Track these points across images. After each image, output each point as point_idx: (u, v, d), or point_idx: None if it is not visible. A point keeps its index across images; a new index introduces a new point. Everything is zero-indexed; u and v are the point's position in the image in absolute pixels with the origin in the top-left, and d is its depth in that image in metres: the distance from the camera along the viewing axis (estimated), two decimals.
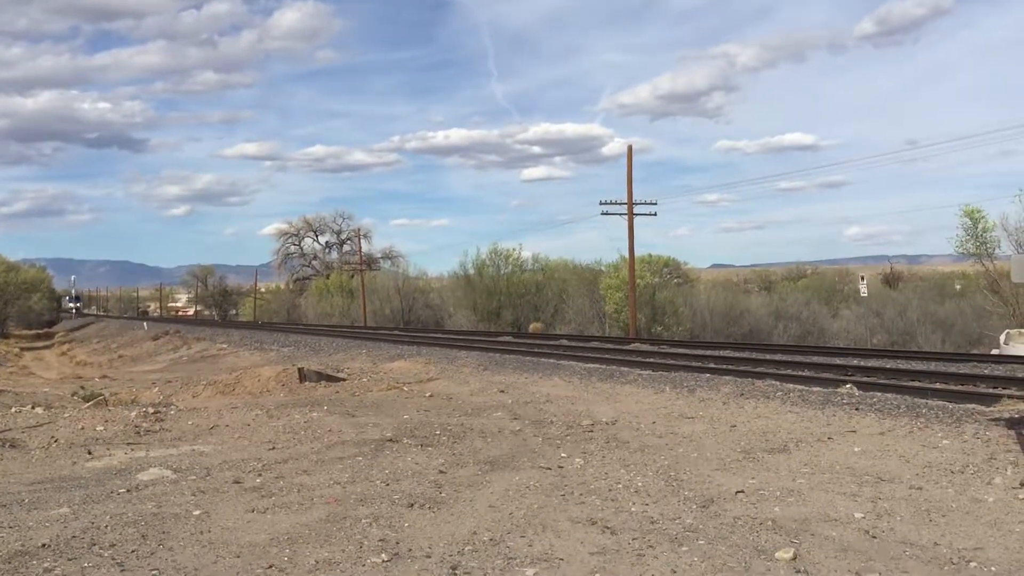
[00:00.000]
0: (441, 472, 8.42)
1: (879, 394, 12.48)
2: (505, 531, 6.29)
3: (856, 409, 11.49)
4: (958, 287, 51.78)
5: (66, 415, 13.15)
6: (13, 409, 13.98)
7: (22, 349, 51.68)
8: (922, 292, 48.05)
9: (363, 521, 6.57)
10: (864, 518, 6.53)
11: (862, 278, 35.86)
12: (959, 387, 13.17)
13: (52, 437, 11.03)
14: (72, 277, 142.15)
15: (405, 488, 7.71)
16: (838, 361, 18.20)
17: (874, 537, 6.07)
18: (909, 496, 7.17)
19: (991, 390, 12.68)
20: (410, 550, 5.86)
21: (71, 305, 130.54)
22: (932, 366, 16.99)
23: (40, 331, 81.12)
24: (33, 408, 14.16)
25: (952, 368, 16.31)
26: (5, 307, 68.34)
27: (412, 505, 7.07)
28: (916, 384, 13.46)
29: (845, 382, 13.72)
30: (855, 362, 17.87)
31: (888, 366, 16.72)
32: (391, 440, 10.27)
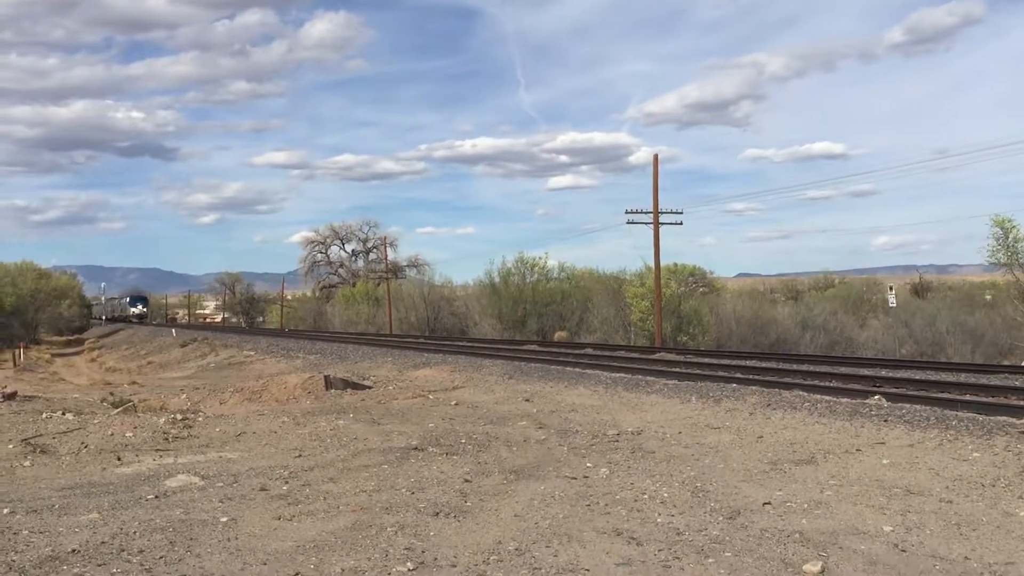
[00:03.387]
0: (466, 481, 8.43)
1: (908, 405, 12.34)
2: (530, 541, 6.29)
3: (885, 421, 11.38)
4: (988, 297, 51.14)
5: (96, 421, 13.29)
6: (44, 415, 14.15)
7: (53, 355, 52.27)
8: (952, 302, 47.51)
9: (389, 529, 6.59)
10: (893, 531, 6.46)
11: (890, 288, 35.44)
12: (990, 399, 13.00)
13: (82, 443, 11.16)
14: (103, 284, 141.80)
15: (430, 497, 7.73)
16: (866, 372, 18.03)
17: (903, 551, 6.01)
18: (939, 509, 7.09)
19: (1023, 402, 12.51)
20: (435, 559, 5.87)
21: (133, 310, 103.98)
22: (962, 377, 16.78)
23: (70, 337, 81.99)
24: (63, 414, 14.32)
25: (982, 379, 16.10)
26: (36, 314, 69.13)
27: (437, 514, 7.08)
28: (946, 396, 13.30)
29: (873, 393, 13.58)
30: (883, 373, 17.70)
31: (917, 377, 16.54)
32: (416, 448, 10.30)
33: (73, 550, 6.06)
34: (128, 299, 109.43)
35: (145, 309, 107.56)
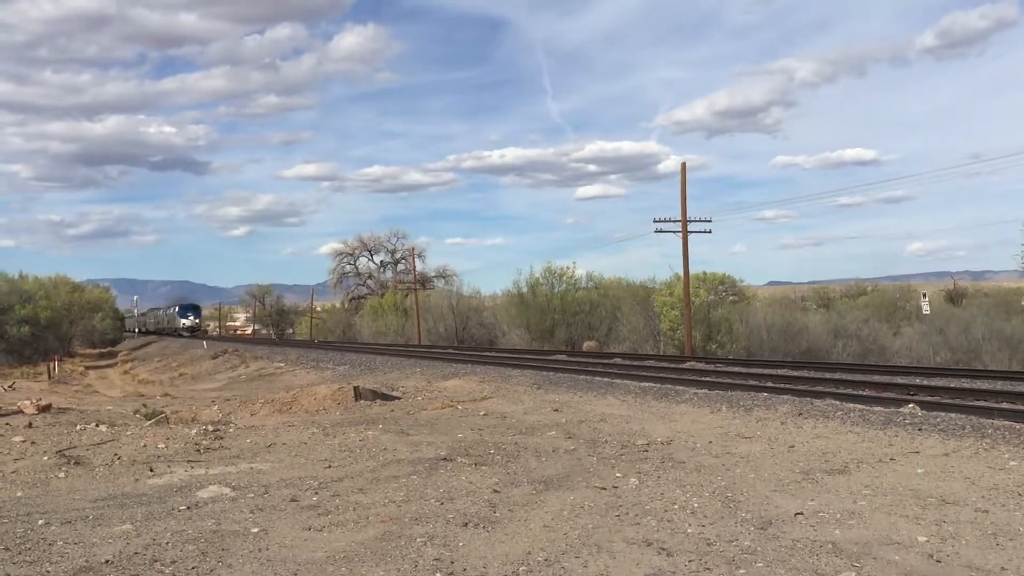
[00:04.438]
0: (495, 491, 8.42)
1: (943, 414, 12.18)
2: (560, 552, 6.26)
3: (919, 429, 11.24)
4: None
5: (129, 433, 13.44)
6: (78, 427, 14.32)
7: (86, 368, 52.91)
8: (987, 309, 46.80)
9: (418, 540, 6.59)
10: (928, 542, 6.37)
11: (924, 295, 35.08)
12: None
13: (115, 454, 11.28)
14: (135, 297, 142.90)
15: (459, 507, 7.72)
16: (900, 380, 17.82)
17: (938, 561, 5.92)
18: (975, 519, 6.98)
19: None
20: (465, 570, 5.86)
21: (183, 322, 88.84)
22: (998, 385, 16.54)
23: (104, 350, 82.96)
24: (97, 426, 14.48)
25: (1019, 387, 15.86)
26: (70, 327, 70.00)
27: (466, 524, 7.08)
28: (982, 404, 13.12)
29: (907, 401, 13.41)
30: (918, 381, 17.49)
31: (952, 385, 16.32)
32: (445, 459, 10.30)
33: (106, 561, 6.12)
34: (176, 309, 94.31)
35: (198, 320, 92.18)
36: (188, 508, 7.91)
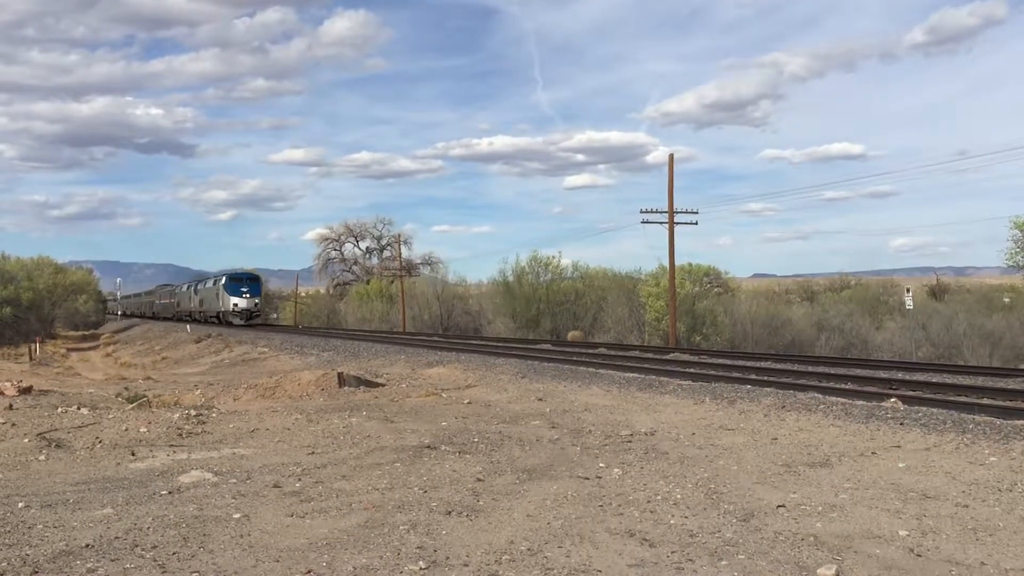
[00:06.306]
0: (479, 480, 8.42)
1: (924, 409, 12.26)
2: (543, 541, 6.27)
3: (901, 424, 11.30)
4: (1007, 300, 50.74)
5: (110, 416, 13.36)
6: (59, 409, 14.23)
7: (68, 350, 52.56)
8: (969, 305, 47.12)
9: (401, 528, 6.58)
10: (909, 535, 6.41)
11: (907, 290, 35.17)
12: (1007, 403, 12.90)
13: (97, 438, 11.21)
14: (118, 280, 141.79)
15: (443, 495, 7.72)
16: (882, 374, 17.92)
17: (919, 555, 5.96)
18: (955, 514, 7.03)
19: None
20: (447, 558, 5.86)
21: (235, 303, 56.48)
22: (979, 381, 16.67)
23: (86, 332, 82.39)
24: (79, 409, 14.39)
25: (1000, 383, 15.99)
26: (52, 309, 69.48)
27: (450, 513, 7.07)
28: (963, 399, 13.21)
29: (889, 396, 13.50)
30: (900, 375, 17.60)
31: (934, 380, 16.44)
32: (429, 447, 10.30)
33: (87, 545, 6.08)
34: (224, 281, 58.53)
35: (257, 300, 59.19)
36: (170, 493, 7.87)
